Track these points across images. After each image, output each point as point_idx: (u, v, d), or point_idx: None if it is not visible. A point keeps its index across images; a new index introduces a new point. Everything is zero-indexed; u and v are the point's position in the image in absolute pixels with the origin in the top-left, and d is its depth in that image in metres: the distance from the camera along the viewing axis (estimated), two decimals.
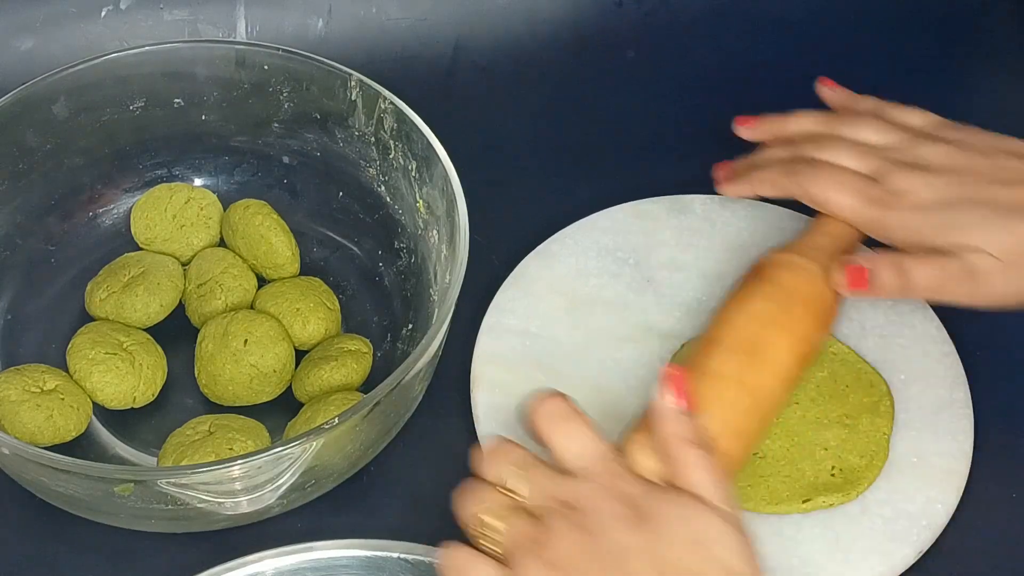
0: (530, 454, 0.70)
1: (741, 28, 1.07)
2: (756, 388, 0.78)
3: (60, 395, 0.85)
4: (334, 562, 0.74)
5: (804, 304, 0.81)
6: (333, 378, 0.86)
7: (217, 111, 0.94)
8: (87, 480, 0.77)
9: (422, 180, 0.88)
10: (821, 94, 0.90)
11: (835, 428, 0.84)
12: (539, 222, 0.94)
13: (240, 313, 0.88)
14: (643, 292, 0.90)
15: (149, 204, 0.94)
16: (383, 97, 0.89)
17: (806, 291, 0.81)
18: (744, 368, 0.78)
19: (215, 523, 0.81)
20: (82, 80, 0.90)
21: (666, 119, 1.02)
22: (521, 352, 0.88)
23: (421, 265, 0.90)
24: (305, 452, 0.77)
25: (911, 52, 1.06)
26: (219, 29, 1.03)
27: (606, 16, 1.06)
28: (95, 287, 0.90)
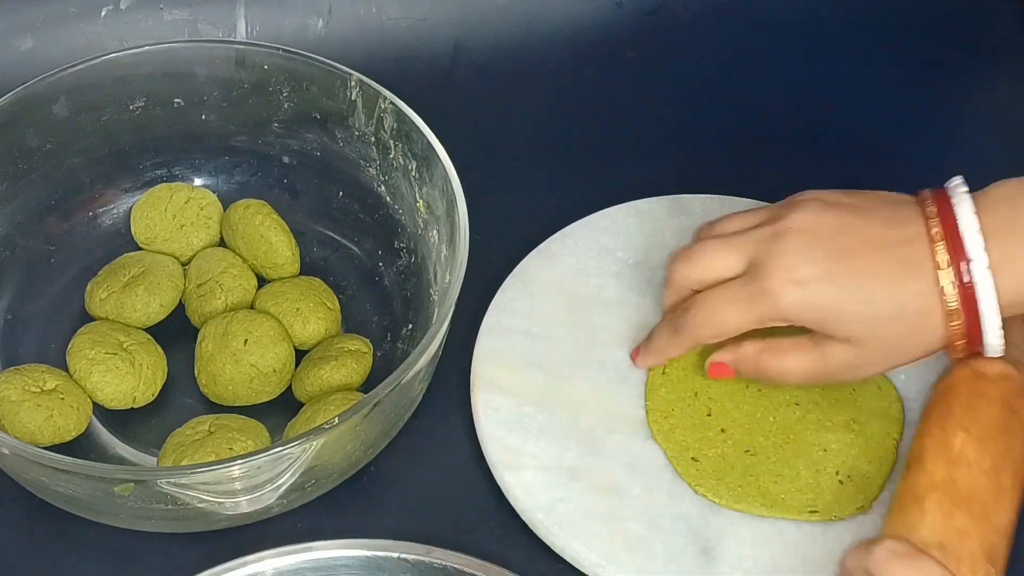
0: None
1: (741, 28, 1.07)
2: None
3: (60, 395, 0.85)
4: (334, 562, 0.74)
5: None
6: (333, 378, 0.86)
7: (217, 111, 0.94)
8: (87, 480, 0.77)
9: (422, 180, 0.88)
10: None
11: (839, 432, 0.84)
12: (539, 222, 0.94)
13: (240, 313, 0.88)
14: (643, 292, 0.90)
15: (149, 204, 0.94)
16: (383, 97, 0.89)
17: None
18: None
19: (215, 523, 0.81)
20: (82, 80, 0.90)
21: (666, 119, 1.02)
22: (521, 352, 0.88)
23: (421, 265, 0.90)
24: (305, 452, 0.77)
25: (911, 52, 1.06)
26: (219, 29, 1.03)
27: (606, 16, 1.06)
28: (95, 287, 0.90)
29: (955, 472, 0.76)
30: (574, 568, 0.81)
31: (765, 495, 0.82)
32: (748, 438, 0.84)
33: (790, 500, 0.82)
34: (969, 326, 0.76)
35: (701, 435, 0.84)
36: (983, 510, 0.75)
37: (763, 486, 0.82)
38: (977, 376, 0.79)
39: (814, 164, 0.99)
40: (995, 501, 0.75)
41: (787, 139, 1.01)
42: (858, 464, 0.83)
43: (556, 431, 0.85)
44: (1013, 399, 0.79)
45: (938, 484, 0.75)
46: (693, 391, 0.86)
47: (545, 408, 0.86)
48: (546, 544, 0.82)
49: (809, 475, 0.83)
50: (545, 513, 0.82)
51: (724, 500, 0.82)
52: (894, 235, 0.77)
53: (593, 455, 0.84)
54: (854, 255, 0.77)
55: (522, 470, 0.83)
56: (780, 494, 0.82)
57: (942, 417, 0.79)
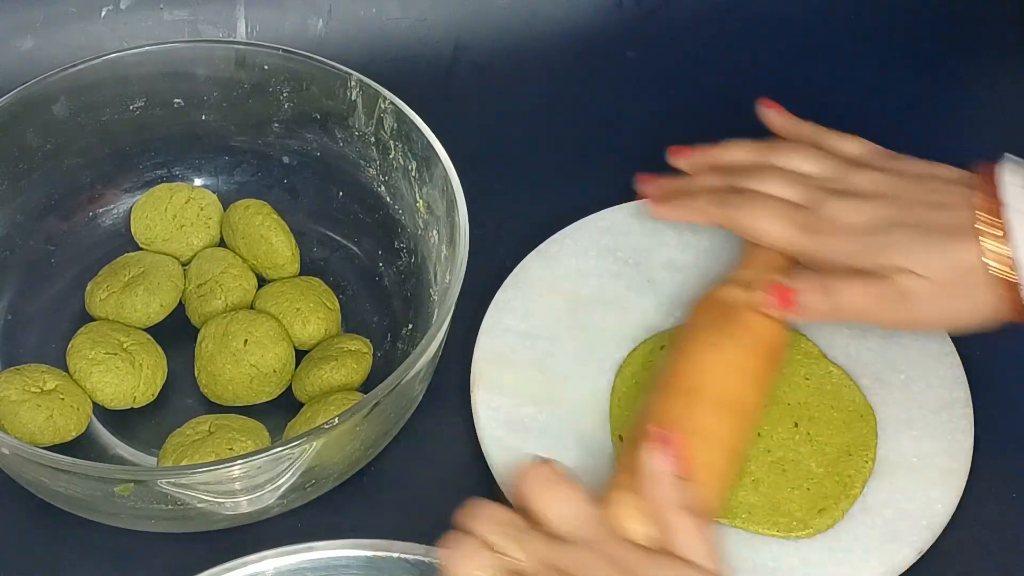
0: (518, 516, 0.70)
1: (741, 28, 1.07)
2: (740, 452, 0.78)
3: (60, 395, 0.85)
4: (334, 562, 0.74)
5: (771, 350, 0.81)
6: (333, 378, 0.86)
7: (217, 111, 0.94)
8: (87, 480, 0.77)
9: (422, 180, 0.88)
10: (763, 116, 0.90)
11: (821, 452, 0.84)
12: (539, 222, 0.94)
13: (240, 313, 0.88)
14: (643, 292, 0.90)
15: (149, 204, 0.94)
16: (383, 97, 0.89)
17: (772, 336, 0.81)
18: (732, 430, 0.77)
19: (215, 523, 0.81)
20: (82, 80, 0.90)
21: (666, 119, 1.02)
22: (521, 352, 0.88)
23: (421, 265, 0.90)
24: (305, 452, 0.77)
25: (911, 52, 1.06)
26: (219, 29, 1.03)
27: (606, 16, 1.06)
28: (95, 287, 0.90)
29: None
30: None
31: (751, 511, 0.82)
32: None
33: (769, 519, 0.82)
34: (1013, 298, 0.77)
35: None
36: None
37: (748, 502, 0.82)
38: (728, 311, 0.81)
39: None
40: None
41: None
42: (819, 494, 0.83)
43: (556, 431, 0.85)
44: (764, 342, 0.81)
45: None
46: None
47: (545, 408, 0.86)
48: None
49: (787, 491, 0.83)
50: None
51: None
52: (943, 201, 0.79)
53: (593, 455, 0.84)
54: (904, 213, 0.80)
55: None
56: (761, 508, 0.82)
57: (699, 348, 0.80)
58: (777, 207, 0.83)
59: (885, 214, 0.80)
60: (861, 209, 0.81)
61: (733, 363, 0.79)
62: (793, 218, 0.82)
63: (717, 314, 0.81)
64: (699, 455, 0.75)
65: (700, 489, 0.72)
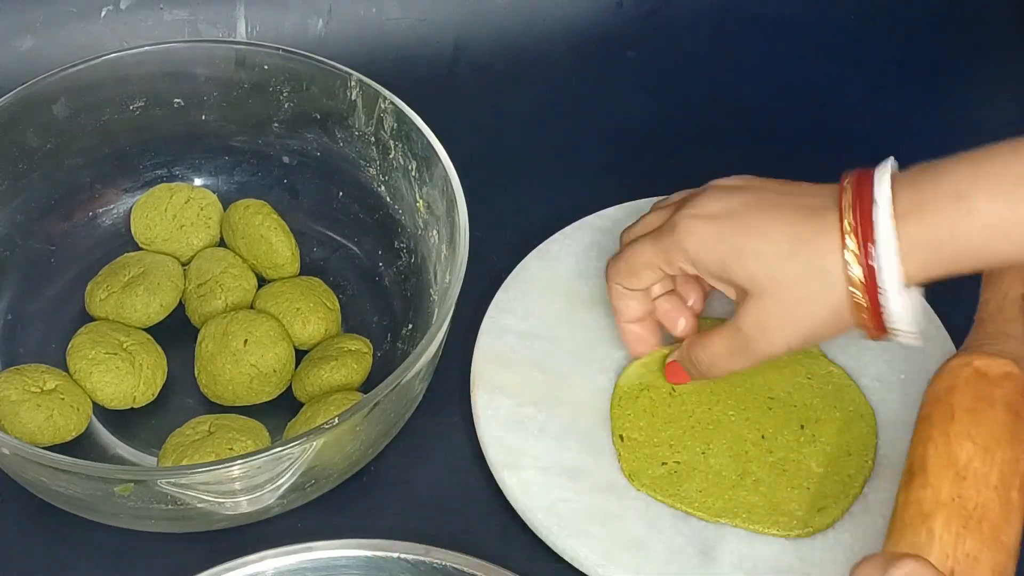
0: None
1: (741, 28, 1.07)
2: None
3: (60, 395, 0.85)
4: (334, 562, 0.74)
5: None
6: (333, 378, 0.86)
7: (217, 111, 0.94)
8: (87, 480, 0.77)
9: (422, 180, 0.88)
10: None
11: (822, 450, 0.84)
12: (539, 222, 0.94)
13: (240, 313, 0.88)
14: None
15: (149, 204, 0.94)
16: (383, 97, 0.89)
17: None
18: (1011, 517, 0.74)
19: (215, 523, 0.81)
20: (82, 80, 0.90)
21: (666, 119, 1.02)
22: (521, 352, 0.88)
23: (421, 265, 0.90)
24: (305, 452, 0.77)
25: (911, 52, 1.06)
26: (219, 29, 1.03)
27: (606, 16, 1.06)
28: (95, 287, 0.90)
29: (963, 488, 0.73)
30: (574, 568, 0.81)
31: (751, 510, 0.82)
32: (732, 459, 0.84)
33: (769, 518, 0.82)
34: (871, 305, 0.73)
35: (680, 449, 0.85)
36: (993, 531, 0.72)
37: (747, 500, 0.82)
38: (979, 376, 0.77)
39: (814, 164, 0.99)
40: (1004, 520, 0.73)
41: (787, 139, 1.01)
42: (830, 479, 0.83)
43: (556, 431, 0.85)
44: (1018, 401, 0.76)
45: (945, 502, 0.72)
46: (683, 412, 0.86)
47: (545, 408, 0.86)
48: (546, 544, 0.82)
49: (787, 490, 0.83)
50: (545, 513, 0.82)
51: (708, 515, 0.82)
52: (807, 202, 0.76)
53: (593, 455, 0.84)
54: (762, 207, 0.77)
55: (522, 470, 0.83)
56: (762, 507, 0.82)
57: (944, 422, 0.76)
58: (640, 239, 0.81)
59: (743, 199, 0.77)
60: (717, 198, 0.78)
61: (1002, 435, 0.75)
62: (654, 233, 0.80)
63: (967, 384, 0.77)
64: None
65: None
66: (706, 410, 0.85)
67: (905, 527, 0.73)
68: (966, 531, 0.72)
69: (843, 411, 0.85)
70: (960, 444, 0.75)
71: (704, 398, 0.86)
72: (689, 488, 0.82)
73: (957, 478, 0.74)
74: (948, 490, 0.73)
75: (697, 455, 0.83)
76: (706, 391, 0.86)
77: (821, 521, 0.81)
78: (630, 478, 0.83)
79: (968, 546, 0.72)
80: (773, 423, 0.85)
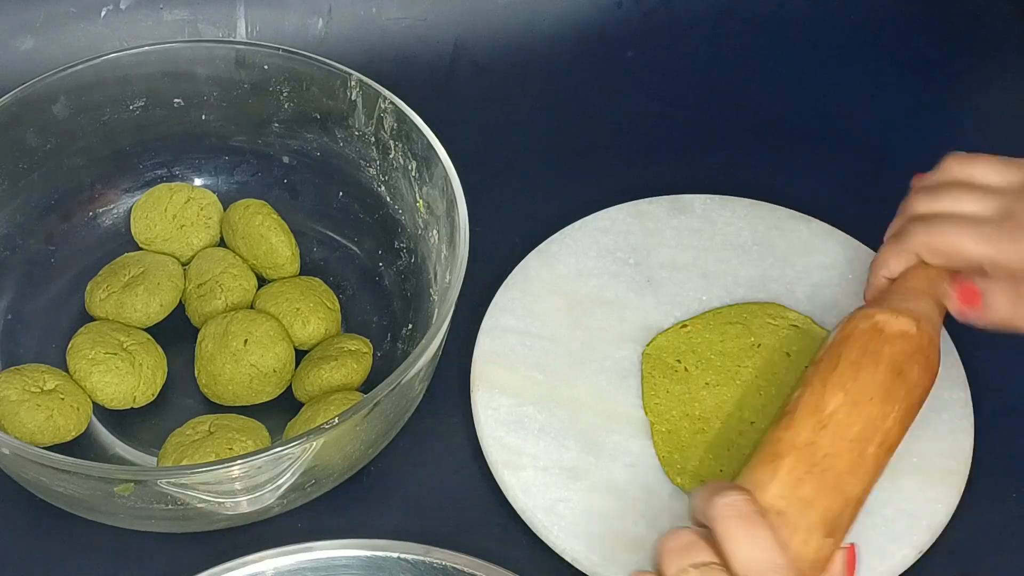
0: (713, 555, 0.68)
1: (741, 28, 1.07)
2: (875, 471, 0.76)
3: (60, 395, 0.85)
4: (334, 562, 0.74)
5: (920, 372, 0.78)
6: (333, 378, 0.86)
7: (217, 111, 0.94)
8: (87, 480, 0.77)
9: (422, 180, 0.88)
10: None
11: None
12: (539, 222, 0.94)
13: (240, 313, 0.88)
14: (643, 292, 0.90)
15: (149, 204, 0.94)
16: (383, 97, 0.89)
17: (920, 357, 0.78)
18: (870, 458, 0.75)
19: (215, 523, 0.81)
20: (82, 80, 0.90)
21: (666, 119, 1.02)
22: (521, 352, 0.88)
23: (421, 265, 0.90)
24: (305, 452, 0.77)
25: (911, 52, 1.06)
26: (219, 29, 1.03)
27: (606, 16, 1.06)
28: (95, 287, 0.90)
29: (819, 436, 0.74)
30: (574, 568, 0.81)
31: None
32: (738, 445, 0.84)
33: None
34: None
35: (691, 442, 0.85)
36: (836, 481, 0.73)
37: None
38: (874, 331, 0.78)
39: (814, 164, 0.99)
40: (851, 472, 0.74)
41: (787, 139, 1.01)
42: None
43: (556, 431, 0.85)
44: (904, 361, 0.77)
45: (799, 446, 0.74)
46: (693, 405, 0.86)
47: (545, 408, 0.86)
48: (546, 544, 0.82)
49: None
50: (545, 513, 0.82)
51: None
52: None
53: (593, 455, 0.84)
54: None
55: (522, 470, 0.83)
56: None
57: (826, 371, 0.77)
58: (964, 222, 0.80)
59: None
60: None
61: (900, 418, 0.77)
62: (987, 226, 0.79)
63: (867, 340, 0.78)
64: (839, 518, 0.74)
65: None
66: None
67: (756, 463, 0.74)
68: (808, 476, 0.73)
69: None
70: (832, 394, 0.76)
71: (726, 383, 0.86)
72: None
73: (818, 425, 0.75)
74: (805, 436, 0.74)
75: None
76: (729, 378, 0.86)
77: None
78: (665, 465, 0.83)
79: (805, 491, 0.72)
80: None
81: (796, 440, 0.74)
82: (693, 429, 0.85)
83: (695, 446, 0.84)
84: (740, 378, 0.87)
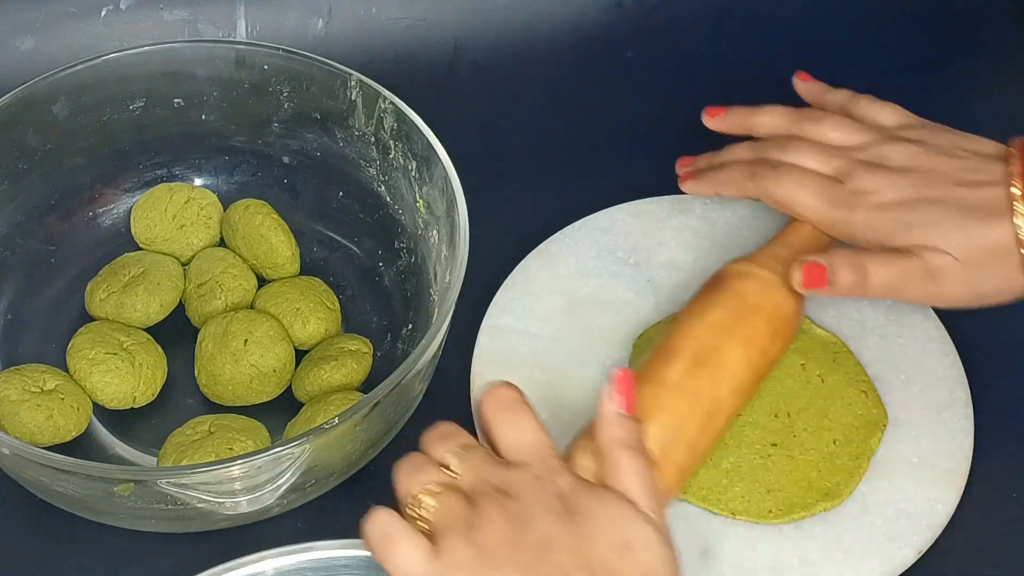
0: (474, 440, 0.71)
1: (741, 28, 1.07)
2: (709, 399, 0.78)
3: (60, 395, 0.85)
4: (334, 562, 0.74)
5: (761, 315, 0.81)
6: (333, 378, 0.86)
7: (217, 111, 0.94)
8: (87, 480, 0.77)
9: (422, 180, 0.88)
10: (796, 87, 0.91)
11: (822, 442, 0.84)
12: (539, 222, 0.94)
13: (240, 313, 0.88)
14: (643, 292, 0.90)
15: (149, 204, 0.94)
16: (383, 97, 0.89)
17: (763, 301, 0.82)
18: (697, 378, 0.79)
19: (215, 523, 0.81)
20: (82, 80, 0.90)
21: (666, 119, 1.02)
22: (521, 352, 0.88)
23: (421, 265, 0.90)
24: (305, 452, 0.77)
25: (911, 52, 1.06)
26: (219, 29, 1.03)
27: (606, 16, 1.06)
28: (95, 287, 0.90)
29: (699, 384, 0.78)
30: None
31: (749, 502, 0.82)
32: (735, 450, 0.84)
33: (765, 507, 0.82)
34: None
35: None
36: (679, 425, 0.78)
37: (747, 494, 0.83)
38: (721, 276, 0.83)
39: None
40: (702, 431, 0.78)
41: None
42: (834, 469, 0.83)
43: (556, 431, 0.85)
44: (746, 308, 0.81)
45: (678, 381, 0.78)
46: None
47: (545, 408, 0.85)
48: None
49: (788, 483, 0.83)
50: None
51: (717, 507, 0.82)
52: (976, 178, 0.80)
53: None
54: (936, 189, 0.80)
55: None
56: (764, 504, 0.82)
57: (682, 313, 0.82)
58: (808, 179, 0.84)
59: (918, 191, 0.81)
60: (894, 184, 0.82)
61: (712, 324, 0.80)
62: (824, 191, 0.83)
63: (711, 282, 0.83)
64: (660, 400, 0.77)
65: (655, 430, 0.75)
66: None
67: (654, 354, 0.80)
68: (674, 396, 0.78)
69: (847, 410, 0.85)
70: (733, 347, 0.80)
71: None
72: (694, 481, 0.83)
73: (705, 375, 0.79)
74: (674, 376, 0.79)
75: None
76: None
77: (821, 506, 0.81)
78: None
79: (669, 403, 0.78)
80: (778, 422, 0.85)
81: (667, 377, 0.79)
82: None
83: None
84: None
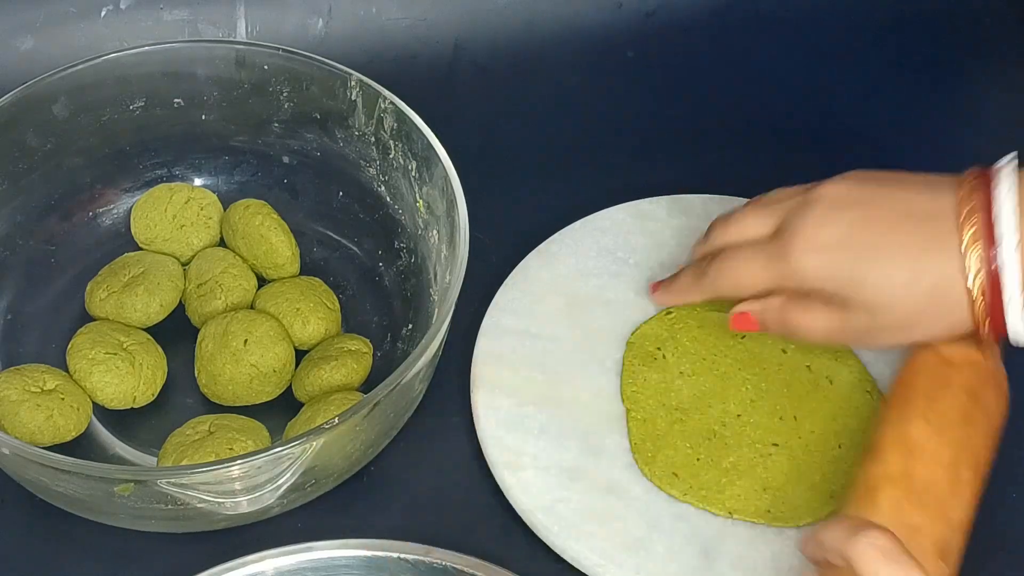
0: None
1: (741, 28, 1.07)
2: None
3: (60, 395, 0.85)
4: (334, 562, 0.74)
5: (999, 410, 0.80)
6: (333, 378, 0.86)
7: (217, 111, 0.94)
8: (87, 480, 0.77)
9: (422, 180, 0.88)
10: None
11: (822, 443, 0.84)
12: (539, 222, 0.94)
13: (240, 313, 0.88)
14: (643, 292, 0.90)
15: (149, 204, 0.94)
16: (383, 97, 0.89)
17: (997, 392, 0.79)
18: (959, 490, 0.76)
19: (215, 523, 0.81)
20: (82, 80, 0.90)
21: (666, 119, 1.02)
22: (521, 352, 0.88)
23: (421, 265, 0.90)
24: (305, 452, 0.77)
25: (911, 53, 1.06)
26: (219, 29, 1.03)
27: (606, 16, 1.06)
28: (95, 287, 0.90)
29: (912, 464, 0.74)
30: (574, 568, 0.81)
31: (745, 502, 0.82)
32: (734, 449, 0.84)
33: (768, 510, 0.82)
34: (992, 309, 0.74)
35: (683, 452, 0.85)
36: (939, 505, 0.74)
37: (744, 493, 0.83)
38: (942, 362, 0.78)
39: (814, 164, 0.99)
40: (952, 495, 0.74)
41: (787, 139, 1.01)
42: (838, 471, 0.83)
43: (556, 431, 0.85)
44: (977, 387, 0.78)
45: (893, 476, 0.74)
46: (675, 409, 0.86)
47: (545, 408, 0.86)
48: (546, 544, 0.82)
49: (789, 484, 0.83)
50: (545, 513, 0.82)
51: (717, 508, 0.82)
52: (922, 209, 0.76)
53: (593, 455, 0.84)
54: (877, 225, 0.77)
55: (522, 470, 0.83)
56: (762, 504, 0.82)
57: (902, 405, 0.78)
58: (745, 251, 0.81)
59: (854, 221, 0.77)
60: (830, 220, 0.78)
61: (982, 457, 0.78)
62: (763, 252, 0.80)
63: (929, 369, 0.79)
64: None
65: None
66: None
67: (851, 502, 0.75)
68: (909, 503, 0.73)
69: (855, 413, 0.85)
70: (914, 423, 0.76)
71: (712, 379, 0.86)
72: (698, 481, 0.83)
73: (907, 454, 0.75)
74: (896, 465, 0.75)
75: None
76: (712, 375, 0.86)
77: (823, 511, 0.81)
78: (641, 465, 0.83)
79: (911, 517, 0.73)
80: (784, 424, 0.85)
81: (888, 471, 0.75)
82: (670, 419, 0.85)
83: (670, 435, 0.84)
84: (719, 369, 0.87)
